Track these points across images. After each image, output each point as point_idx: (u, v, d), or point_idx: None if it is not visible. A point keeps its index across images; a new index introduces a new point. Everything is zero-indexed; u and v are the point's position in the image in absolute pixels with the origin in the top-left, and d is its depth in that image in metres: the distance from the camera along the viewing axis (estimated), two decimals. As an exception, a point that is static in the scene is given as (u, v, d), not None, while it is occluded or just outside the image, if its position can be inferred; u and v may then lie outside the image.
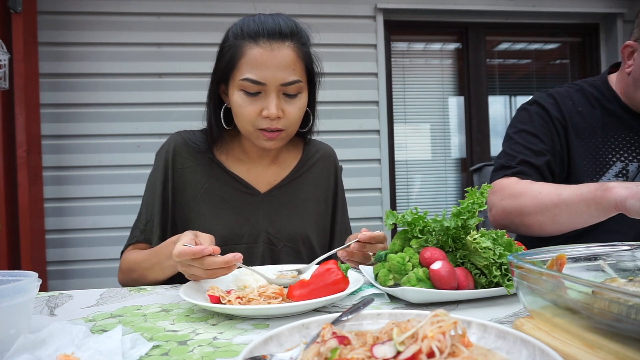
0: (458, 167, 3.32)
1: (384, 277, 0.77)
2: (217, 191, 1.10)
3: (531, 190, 1.07)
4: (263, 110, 0.99)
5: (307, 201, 1.17)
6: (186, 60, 2.77)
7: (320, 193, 1.20)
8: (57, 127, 2.67)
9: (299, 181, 1.18)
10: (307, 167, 1.20)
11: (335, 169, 1.26)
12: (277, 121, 1.01)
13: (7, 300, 0.53)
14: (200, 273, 0.77)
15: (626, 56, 1.17)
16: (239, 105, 1.01)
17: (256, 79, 0.98)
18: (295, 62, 1.00)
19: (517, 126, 1.24)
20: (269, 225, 1.11)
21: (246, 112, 1.00)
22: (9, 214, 2.37)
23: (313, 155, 1.23)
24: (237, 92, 1.01)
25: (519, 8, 3.12)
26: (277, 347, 0.47)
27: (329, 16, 2.88)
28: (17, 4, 2.37)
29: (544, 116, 1.21)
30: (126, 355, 0.53)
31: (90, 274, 2.66)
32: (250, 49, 0.98)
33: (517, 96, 3.42)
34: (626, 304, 0.41)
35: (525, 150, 1.18)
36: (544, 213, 1.04)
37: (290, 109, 1.02)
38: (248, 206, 1.11)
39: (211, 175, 1.11)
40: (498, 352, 0.45)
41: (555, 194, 1.03)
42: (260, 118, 1.00)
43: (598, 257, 0.63)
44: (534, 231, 1.09)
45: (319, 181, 1.21)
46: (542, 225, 1.06)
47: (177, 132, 1.17)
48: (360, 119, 2.93)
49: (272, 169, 1.16)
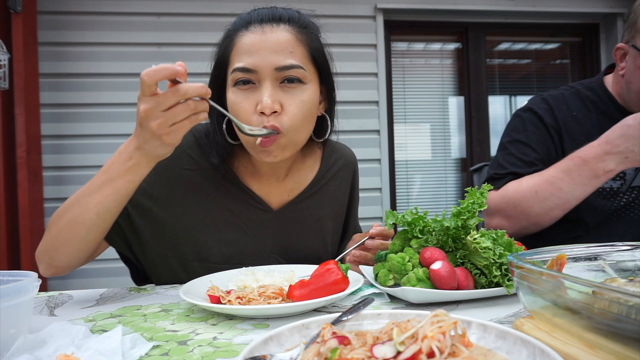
0: (458, 167, 3.32)
1: (384, 277, 0.77)
2: (224, 202, 0.95)
3: (528, 192, 1.10)
4: (258, 104, 0.83)
5: (324, 218, 1.04)
6: (186, 60, 2.73)
7: (339, 207, 1.09)
8: (57, 127, 2.67)
9: (316, 196, 1.03)
10: (327, 180, 1.05)
11: (354, 176, 1.13)
12: (273, 117, 0.82)
13: (7, 300, 0.53)
14: (183, 112, 0.67)
15: (619, 58, 1.18)
16: (232, 103, 0.85)
17: (245, 65, 0.83)
18: (292, 45, 0.85)
19: (511, 135, 1.26)
20: (277, 247, 0.98)
21: (241, 111, 0.84)
22: (9, 214, 2.37)
23: (333, 164, 1.07)
24: (231, 90, 0.86)
25: (519, 8, 3.12)
26: (277, 347, 0.47)
27: (329, 16, 2.88)
28: (17, 4, 2.37)
29: (537, 124, 1.22)
30: (126, 355, 0.53)
31: (90, 274, 2.66)
32: (240, 37, 0.85)
33: (517, 96, 3.42)
34: (626, 304, 0.41)
35: (517, 161, 1.20)
36: (553, 208, 1.08)
37: (289, 101, 0.84)
38: (257, 224, 0.96)
39: (219, 184, 0.96)
40: (498, 352, 0.45)
41: (540, 177, 1.09)
42: (256, 117, 0.83)
43: (598, 257, 0.63)
44: (545, 221, 1.12)
45: (338, 194, 1.08)
46: (549, 211, 1.09)
47: (194, 129, 0.97)
48: (360, 119, 2.93)
49: (286, 184, 1.01)
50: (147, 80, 0.67)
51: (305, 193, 1.02)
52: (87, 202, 0.78)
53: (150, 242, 0.94)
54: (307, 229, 1.02)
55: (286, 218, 0.99)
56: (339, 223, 1.11)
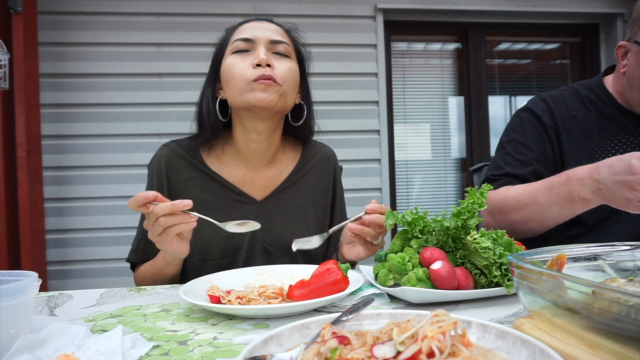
0: (458, 167, 3.32)
1: (384, 277, 0.77)
2: (211, 203, 1.06)
3: (511, 200, 1.12)
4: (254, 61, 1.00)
5: (306, 207, 1.13)
6: (186, 60, 2.77)
7: (320, 198, 1.17)
8: (57, 127, 2.67)
9: (297, 186, 1.14)
10: (306, 171, 1.16)
11: (335, 171, 1.22)
12: (269, 70, 0.99)
13: (7, 300, 0.53)
14: (158, 227, 0.81)
15: (620, 57, 1.18)
16: (231, 65, 1.01)
17: (246, 36, 1.02)
18: (282, 33, 1.07)
19: (510, 134, 1.27)
20: (265, 234, 1.07)
21: (238, 68, 1.00)
22: (9, 214, 2.37)
23: (312, 157, 1.18)
24: (229, 57, 1.03)
25: (519, 8, 3.12)
26: (277, 347, 0.47)
27: (329, 16, 2.88)
28: (17, 4, 2.37)
29: (535, 124, 1.23)
30: (126, 355, 0.53)
31: (91, 274, 2.66)
32: (240, 27, 1.06)
33: (517, 96, 3.42)
34: (626, 304, 0.41)
35: (513, 160, 1.21)
36: (531, 220, 1.09)
37: (280, 65, 1.02)
38: (244, 216, 1.06)
39: (204, 187, 1.07)
40: (498, 352, 0.45)
41: (526, 187, 1.09)
42: (252, 70, 0.99)
43: (598, 257, 0.63)
44: (525, 230, 1.13)
45: (318, 185, 1.17)
46: (532, 229, 1.11)
47: (164, 145, 1.11)
48: (360, 119, 2.93)
49: (268, 172, 1.12)
50: (130, 207, 0.83)
51: (287, 182, 1.13)
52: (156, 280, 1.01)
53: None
54: (291, 217, 1.11)
55: (270, 207, 1.10)
56: (323, 213, 1.18)
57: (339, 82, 2.87)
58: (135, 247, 1.08)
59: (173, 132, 2.71)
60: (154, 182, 1.07)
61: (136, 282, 1.08)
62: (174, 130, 2.71)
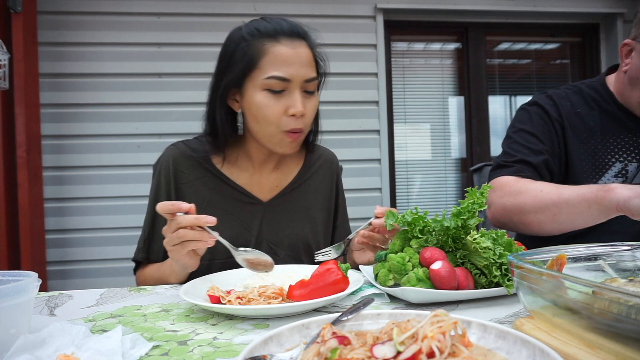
0: (458, 167, 3.32)
1: (384, 277, 0.77)
2: (219, 203, 1.07)
3: (532, 189, 1.07)
4: (288, 109, 0.97)
5: (310, 209, 1.16)
6: (186, 60, 2.77)
7: (323, 200, 1.19)
8: (57, 127, 2.66)
9: (302, 189, 1.16)
10: (310, 174, 1.19)
11: (337, 174, 1.24)
12: (300, 121, 0.99)
13: (7, 300, 0.53)
14: (176, 238, 0.81)
15: (624, 55, 1.17)
16: (263, 105, 0.97)
17: (283, 75, 0.96)
18: (312, 60, 1.02)
19: (517, 126, 1.25)
20: (271, 234, 1.09)
21: (271, 112, 0.97)
22: (9, 214, 2.37)
23: (315, 161, 1.21)
24: (261, 93, 0.97)
25: (519, 8, 3.12)
26: (277, 347, 0.47)
27: (329, 16, 2.88)
28: (17, 4, 2.37)
29: (543, 116, 1.22)
30: (126, 355, 0.53)
31: (91, 274, 2.66)
32: (273, 47, 0.97)
33: (517, 96, 3.42)
34: (626, 304, 0.41)
35: (523, 149, 1.18)
36: (544, 212, 1.04)
37: (309, 107, 1.01)
38: (250, 216, 1.08)
39: (212, 187, 1.08)
40: (498, 352, 0.45)
41: (556, 193, 1.02)
42: (285, 118, 0.98)
43: (598, 257, 0.63)
44: (533, 230, 1.09)
45: (322, 188, 1.20)
46: (541, 224, 1.06)
47: (173, 144, 1.11)
48: (360, 119, 2.93)
49: (274, 176, 1.14)
50: (158, 210, 0.83)
51: (292, 185, 1.15)
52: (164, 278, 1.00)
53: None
54: (296, 218, 1.13)
55: (275, 208, 1.12)
56: (327, 215, 1.20)
57: (338, 82, 2.87)
58: (141, 246, 1.08)
59: (173, 132, 2.71)
60: (162, 181, 1.07)
61: (138, 282, 1.09)
62: (174, 130, 2.72)
